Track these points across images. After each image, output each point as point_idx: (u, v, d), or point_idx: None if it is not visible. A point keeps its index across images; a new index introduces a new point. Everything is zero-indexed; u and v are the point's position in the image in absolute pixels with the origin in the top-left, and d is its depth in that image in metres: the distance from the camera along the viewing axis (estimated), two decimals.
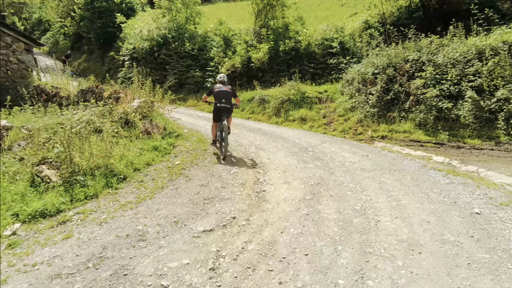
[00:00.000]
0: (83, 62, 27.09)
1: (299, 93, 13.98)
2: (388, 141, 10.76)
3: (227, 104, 8.13)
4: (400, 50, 12.90)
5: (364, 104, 12.38)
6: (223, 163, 7.92)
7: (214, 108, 8.29)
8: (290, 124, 13.05)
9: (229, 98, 8.22)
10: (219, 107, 8.12)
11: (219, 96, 8.16)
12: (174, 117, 11.76)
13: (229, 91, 8.31)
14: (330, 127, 12.32)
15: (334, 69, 16.14)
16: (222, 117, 8.04)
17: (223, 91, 8.21)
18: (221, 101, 8.12)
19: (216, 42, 18.97)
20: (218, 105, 8.12)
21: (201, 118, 13.97)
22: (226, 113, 8.15)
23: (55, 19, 28.46)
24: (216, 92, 8.23)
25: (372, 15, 17.20)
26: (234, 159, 8.31)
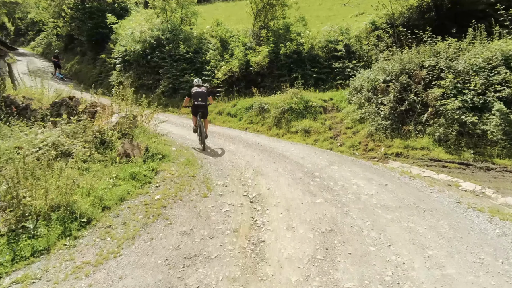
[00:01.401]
0: (76, 64, 25.62)
1: (302, 102, 12.51)
2: (404, 160, 9.32)
3: (202, 102, 9.90)
4: (414, 55, 11.44)
5: (375, 115, 10.92)
6: (211, 196, 6.47)
7: (192, 105, 10.05)
8: (292, 136, 11.59)
9: (204, 97, 9.97)
10: (196, 105, 9.89)
11: (196, 96, 9.93)
12: (163, 130, 10.39)
13: (204, 91, 10.09)
14: (337, 141, 10.86)
15: (339, 73, 14.67)
16: (199, 112, 9.87)
17: (199, 92, 9.99)
18: (197, 100, 9.87)
19: (213, 44, 17.48)
20: (196, 103, 9.89)
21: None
22: (202, 108, 9.89)
23: (48, 20, 26.96)
24: (193, 93, 10.00)
25: (380, 15, 15.71)
26: (226, 187, 6.88)
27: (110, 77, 20.04)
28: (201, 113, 9.82)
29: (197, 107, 9.82)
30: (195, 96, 9.87)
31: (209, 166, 8.06)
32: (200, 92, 9.96)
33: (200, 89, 10.05)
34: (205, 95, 10.00)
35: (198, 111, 9.84)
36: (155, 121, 10.05)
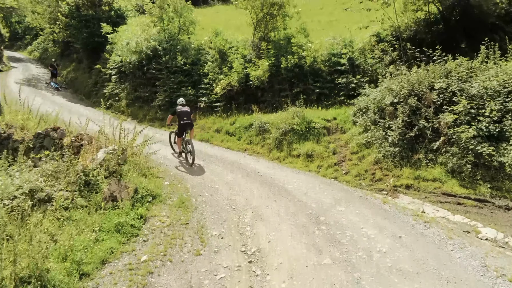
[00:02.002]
0: (72, 72, 24.82)
1: (304, 122, 11.75)
2: (415, 193, 8.58)
3: (188, 120, 10.28)
4: (423, 75, 10.68)
5: (382, 140, 10.17)
6: (204, 254, 5.73)
7: (179, 125, 10.28)
8: (294, 161, 10.84)
9: (189, 115, 10.43)
10: (183, 124, 10.17)
11: (182, 115, 10.25)
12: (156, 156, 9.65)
13: (189, 111, 10.60)
14: (342, 169, 10.11)
15: (343, 89, 13.90)
16: (186, 131, 10.28)
17: (185, 111, 10.40)
18: (183, 119, 10.18)
19: (211, 56, 16.69)
20: (182, 122, 10.15)
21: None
22: (189, 127, 10.31)
23: (43, 25, 26.16)
24: (179, 112, 10.32)
25: (385, 27, 14.92)
26: (222, 239, 6.15)
27: (105, 88, 19.25)
28: (188, 131, 10.37)
29: (185, 126, 10.20)
30: (181, 116, 10.21)
31: (204, 208, 7.31)
32: (186, 111, 10.40)
33: (184, 108, 10.54)
34: (190, 114, 10.56)
35: (186, 129, 10.26)
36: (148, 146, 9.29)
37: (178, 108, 10.44)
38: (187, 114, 10.34)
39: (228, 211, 7.25)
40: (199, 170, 9.81)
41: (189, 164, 10.11)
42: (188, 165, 10.15)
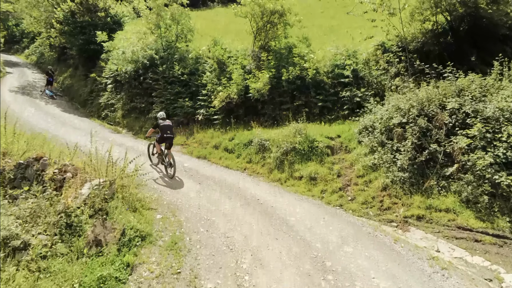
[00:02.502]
0: (68, 78, 24.06)
1: (306, 141, 11.03)
2: (427, 226, 7.88)
3: (170, 134, 10.50)
4: (433, 92, 9.97)
5: (390, 164, 9.46)
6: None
7: (160, 137, 10.49)
8: (296, 183, 10.14)
9: (171, 129, 10.61)
10: (165, 137, 10.38)
11: (165, 129, 10.45)
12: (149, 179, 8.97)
13: (170, 124, 10.73)
14: (347, 194, 9.40)
15: (346, 102, 13.18)
16: (166, 143, 10.42)
17: (167, 125, 10.57)
18: (166, 132, 10.40)
19: (210, 66, 15.94)
20: (164, 136, 10.37)
21: (187, 171, 11.01)
22: (170, 140, 10.48)
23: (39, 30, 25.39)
24: (162, 126, 10.47)
25: (390, 37, 14.18)
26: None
27: (100, 98, 18.51)
28: (168, 144, 10.41)
29: (166, 139, 10.37)
30: (164, 129, 10.41)
31: (199, 250, 6.59)
32: (168, 125, 10.57)
33: (166, 122, 10.66)
34: (172, 127, 10.75)
35: (166, 142, 10.41)
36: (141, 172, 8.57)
37: (160, 122, 10.55)
38: (170, 128, 10.55)
39: (225, 253, 6.53)
40: (196, 197, 9.09)
41: (170, 176, 10.33)
42: (168, 178, 10.36)
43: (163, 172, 10.72)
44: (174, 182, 10.05)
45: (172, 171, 10.22)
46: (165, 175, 10.58)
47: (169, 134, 10.40)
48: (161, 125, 10.45)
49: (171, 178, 10.22)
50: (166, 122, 10.59)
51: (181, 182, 10.00)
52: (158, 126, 10.54)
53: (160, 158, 10.78)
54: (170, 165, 10.30)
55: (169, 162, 10.29)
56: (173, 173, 10.22)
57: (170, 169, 10.35)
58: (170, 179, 10.20)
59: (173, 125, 11.13)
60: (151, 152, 11.62)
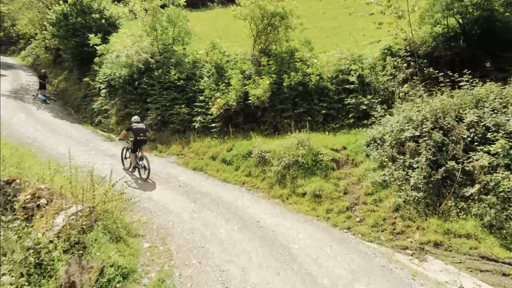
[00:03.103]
0: (63, 81, 23.15)
1: (310, 154, 10.14)
2: (447, 254, 6.98)
3: (144, 137, 10.35)
4: (447, 102, 9.07)
5: (402, 181, 8.55)
6: None
7: (134, 141, 10.28)
8: (299, 201, 9.24)
9: (144, 132, 10.49)
10: (139, 140, 10.23)
11: (138, 132, 10.31)
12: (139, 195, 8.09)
13: (144, 128, 10.65)
14: (356, 215, 8.50)
15: (352, 110, 12.29)
16: (140, 147, 10.32)
17: (140, 128, 10.46)
18: (139, 135, 10.26)
19: (207, 70, 15.03)
20: (138, 138, 10.21)
21: (182, 187, 10.11)
22: (143, 143, 10.39)
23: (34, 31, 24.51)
24: (135, 129, 10.34)
25: (398, 41, 13.27)
26: None
27: (94, 103, 17.60)
28: (142, 147, 10.47)
29: (140, 142, 10.32)
30: (137, 132, 10.32)
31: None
32: (141, 128, 10.55)
33: (140, 125, 10.68)
34: (145, 130, 10.68)
35: (140, 146, 10.37)
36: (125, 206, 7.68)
37: (133, 125, 10.55)
38: (143, 131, 10.52)
39: None
40: (190, 219, 8.19)
41: (144, 179, 10.23)
42: (142, 181, 10.26)
43: (137, 175, 10.63)
44: (166, 193, 9.16)
45: (146, 174, 10.09)
46: (138, 178, 10.49)
47: (142, 136, 10.36)
48: (134, 128, 10.42)
49: (145, 181, 10.14)
50: (139, 125, 10.61)
51: (176, 198, 9.11)
52: (131, 129, 10.47)
53: (135, 161, 10.53)
54: (144, 168, 10.20)
55: (143, 165, 10.19)
56: (147, 176, 10.10)
57: (144, 172, 10.23)
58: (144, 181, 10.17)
59: (147, 128, 11.17)
60: (123, 156, 11.49)
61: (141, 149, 10.43)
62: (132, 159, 10.60)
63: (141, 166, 10.32)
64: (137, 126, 10.53)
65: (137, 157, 10.43)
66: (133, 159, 10.51)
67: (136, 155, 10.46)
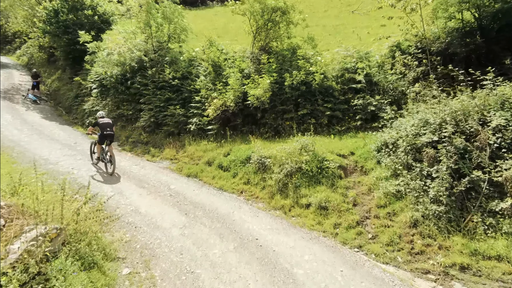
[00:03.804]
0: (56, 81, 22.11)
1: (315, 161, 9.10)
2: (476, 281, 5.94)
3: (111, 131, 10.41)
4: (469, 104, 8.02)
5: (420, 192, 7.50)
6: None
7: (100, 135, 10.31)
8: (303, 213, 8.20)
9: (111, 127, 10.55)
10: (105, 134, 10.29)
11: (104, 126, 10.39)
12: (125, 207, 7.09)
13: (110, 122, 10.69)
14: (367, 230, 7.46)
15: (359, 111, 11.26)
16: (107, 141, 10.33)
17: (107, 122, 10.54)
18: (106, 130, 10.34)
19: (204, 69, 13.98)
20: (105, 133, 10.28)
21: (173, 196, 9.06)
22: (110, 137, 10.37)
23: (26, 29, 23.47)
24: (101, 124, 10.42)
25: (408, 37, 12.22)
26: None
27: (85, 104, 16.54)
28: (109, 141, 10.38)
29: (107, 136, 10.32)
30: (103, 127, 10.37)
31: None
32: (108, 122, 10.59)
33: (106, 119, 10.69)
34: (112, 125, 10.67)
35: (107, 140, 10.35)
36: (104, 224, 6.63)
37: (99, 120, 10.60)
38: (110, 125, 10.54)
39: None
40: (180, 236, 7.15)
41: (109, 173, 10.26)
42: (108, 175, 10.26)
43: (103, 169, 10.62)
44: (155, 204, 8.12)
45: (112, 168, 10.18)
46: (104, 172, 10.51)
47: (109, 131, 10.37)
48: (101, 123, 10.43)
49: (110, 175, 10.15)
50: (105, 120, 10.63)
51: (165, 211, 8.07)
52: (98, 124, 10.52)
53: (101, 155, 10.56)
54: (110, 162, 10.27)
55: (109, 159, 10.26)
56: (112, 170, 10.18)
57: (109, 166, 10.28)
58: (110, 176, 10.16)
59: (113, 123, 11.14)
60: (92, 151, 11.44)
61: (108, 144, 10.36)
62: (98, 149, 10.68)
63: (107, 161, 10.37)
64: (103, 121, 10.54)
65: (104, 150, 10.44)
66: (99, 150, 10.58)
67: (103, 148, 10.47)
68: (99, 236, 6.16)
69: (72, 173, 9.83)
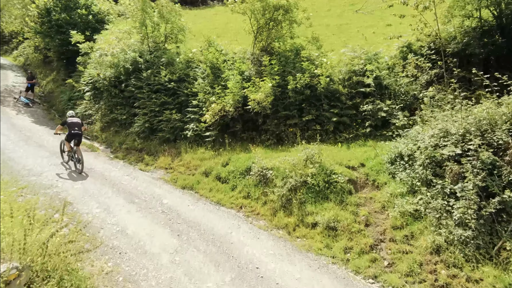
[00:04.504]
0: (51, 82, 21.23)
1: (321, 174, 8.17)
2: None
3: (79, 131, 10.55)
4: (495, 112, 7.08)
5: (442, 213, 6.57)
6: None
7: (68, 134, 10.40)
8: (309, 234, 7.28)
9: (79, 126, 10.70)
10: (73, 133, 10.41)
11: (73, 126, 10.51)
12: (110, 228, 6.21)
13: (79, 121, 10.87)
14: (383, 256, 6.53)
15: (368, 117, 10.34)
16: (75, 140, 10.48)
17: (75, 122, 10.66)
18: (74, 129, 10.46)
19: (202, 71, 13.03)
20: (72, 132, 10.40)
21: (166, 213, 8.14)
22: (78, 137, 10.50)
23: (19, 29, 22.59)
24: (69, 123, 10.54)
25: (421, 37, 11.28)
26: None
27: (77, 107, 15.63)
28: (77, 141, 10.46)
29: (74, 135, 10.42)
30: (71, 126, 10.46)
31: None
32: (76, 122, 10.68)
33: (75, 119, 10.80)
34: (80, 125, 10.80)
35: (75, 139, 10.45)
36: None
37: (68, 119, 10.65)
38: (78, 125, 10.64)
39: None
40: (170, 263, 6.23)
41: (78, 172, 10.30)
42: (77, 173, 10.27)
43: (73, 168, 10.61)
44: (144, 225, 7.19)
45: (80, 166, 10.26)
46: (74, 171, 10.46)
47: (77, 130, 10.46)
48: (69, 122, 10.52)
49: (79, 174, 10.20)
50: (74, 119, 10.72)
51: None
52: (66, 123, 10.56)
53: (70, 154, 10.61)
54: (78, 161, 10.31)
55: (78, 158, 10.29)
56: (81, 168, 10.25)
57: (78, 164, 10.34)
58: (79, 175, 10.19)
59: (82, 123, 11.16)
60: (62, 149, 11.23)
61: (76, 144, 10.42)
62: (67, 146, 10.59)
63: (75, 160, 10.37)
64: (72, 120, 10.63)
65: (73, 149, 10.44)
66: (68, 146, 10.52)
67: (72, 147, 10.48)
68: (74, 268, 5.24)
69: (56, 185, 8.90)
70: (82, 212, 7.58)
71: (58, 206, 7.20)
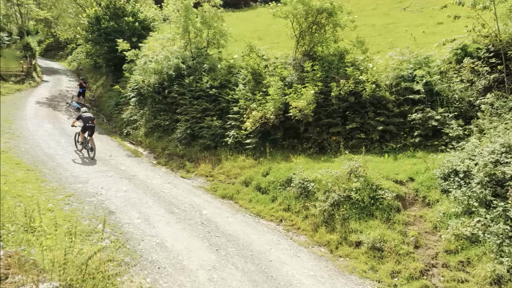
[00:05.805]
0: (100, 87, 22.12)
1: (367, 189, 7.69)
2: None
3: (92, 124, 12.01)
4: None
5: (504, 239, 5.89)
6: None
7: (83, 126, 11.91)
8: (352, 253, 6.85)
9: (92, 120, 12.20)
10: (87, 126, 11.87)
11: (87, 120, 11.99)
12: (149, 241, 6.15)
13: (92, 116, 12.42)
14: (435, 284, 5.97)
15: (418, 126, 9.64)
16: (88, 131, 11.89)
17: (89, 117, 12.20)
18: (88, 122, 11.92)
19: (243, 77, 12.85)
20: (87, 125, 11.86)
21: (204, 225, 8.01)
22: (91, 129, 11.93)
23: (73, 36, 23.72)
24: (84, 117, 12.06)
25: (477, 39, 10.38)
26: None
27: (123, 113, 16.07)
28: (90, 132, 11.88)
29: (88, 128, 11.86)
30: (86, 120, 11.94)
31: None
32: (89, 116, 12.25)
33: (88, 114, 12.42)
34: (93, 118, 12.30)
35: (88, 130, 11.87)
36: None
37: (83, 114, 12.22)
38: (91, 119, 12.17)
39: None
40: (207, 282, 6.06)
41: (91, 158, 11.75)
42: (89, 159, 11.72)
43: (86, 155, 12.02)
44: (186, 239, 7.09)
45: (93, 154, 11.73)
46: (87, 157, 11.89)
47: (90, 123, 11.91)
48: (84, 117, 12.06)
49: (92, 159, 11.64)
50: (87, 114, 12.32)
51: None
52: (81, 117, 12.10)
53: (84, 144, 12.07)
54: (91, 149, 11.77)
55: (90, 147, 11.77)
56: (93, 155, 11.72)
57: (91, 152, 11.78)
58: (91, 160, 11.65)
59: (94, 117, 12.66)
60: (76, 140, 12.62)
61: (90, 135, 11.83)
62: (81, 137, 12.12)
63: (89, 148, 11.87)
64: (86, 115, 12.20)
65: (86, 139, 11.90)
66: (82, 136, 12.04)
67: (86, 137, 11.93)
68: (114, 284, 5.20)
69: (100, 193, 9.07)
70: (123, 223, 7.61)
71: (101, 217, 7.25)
